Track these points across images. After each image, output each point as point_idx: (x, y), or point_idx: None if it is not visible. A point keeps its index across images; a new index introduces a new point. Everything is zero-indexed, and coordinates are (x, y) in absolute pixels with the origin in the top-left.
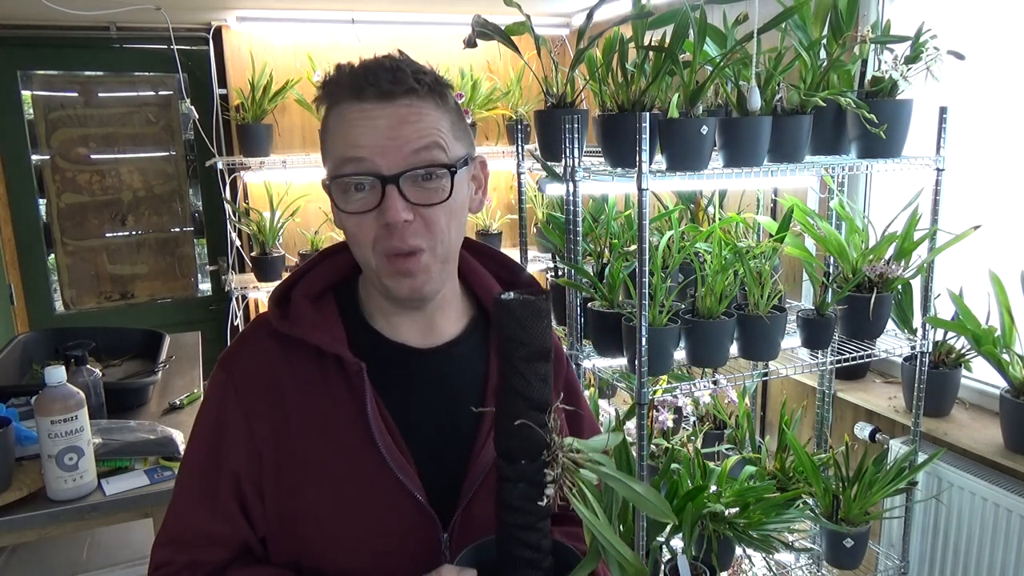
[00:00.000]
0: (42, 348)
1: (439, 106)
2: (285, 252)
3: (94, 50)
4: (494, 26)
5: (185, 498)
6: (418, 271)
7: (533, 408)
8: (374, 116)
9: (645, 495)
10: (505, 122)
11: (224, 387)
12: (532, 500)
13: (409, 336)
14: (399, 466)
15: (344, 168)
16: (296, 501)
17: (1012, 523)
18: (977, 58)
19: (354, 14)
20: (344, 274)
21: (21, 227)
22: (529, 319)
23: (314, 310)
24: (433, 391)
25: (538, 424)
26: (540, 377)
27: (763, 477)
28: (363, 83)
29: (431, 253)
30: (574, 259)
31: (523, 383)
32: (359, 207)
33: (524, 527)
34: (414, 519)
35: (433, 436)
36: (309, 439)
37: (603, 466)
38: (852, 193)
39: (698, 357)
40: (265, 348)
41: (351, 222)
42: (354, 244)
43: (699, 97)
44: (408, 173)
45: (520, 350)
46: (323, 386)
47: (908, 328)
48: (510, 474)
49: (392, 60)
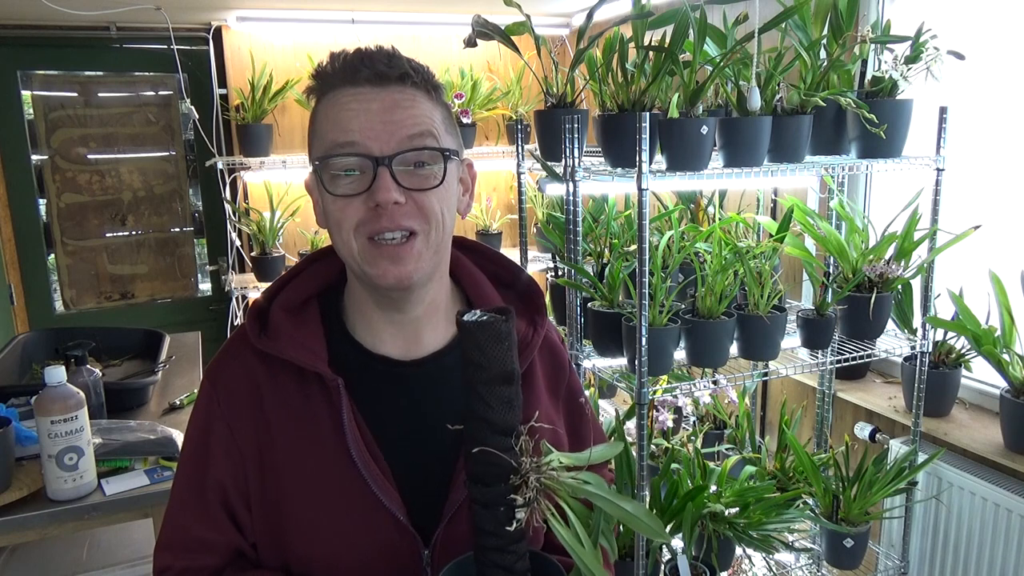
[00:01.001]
0: (42, 348)
1: (431, 98)
2: (285, 252)
3: (94, 50)
4: (494, 26)
5: (178, 505)
6: (408, 257)
7: (497, 433)
8: (367, 99)
9: (635, 513)
10: (505, 122)
11: (209, 398)
12: (502, 524)
13: (392, 348)
14: (377, 483)
15: (334, 151)
16: (279, 513)
17: (1012, 523)
18: (977, 58)
19: (354, 14)
20: (329, 281)
21: (21, 227)
22: (488, 342)
23: (293, 325)
24: (415, 406)
25: (502, 449)
26: (503, 401)
27: (763, 477)
28: (358, 65)
29: (424, 238)
30: (574, 259)
31: (484, 408)
32: (348, 190)
33: (496, 549)
34: (394, 537)
35: (414, 452)
36: (290, 453)
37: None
38: (852, 193)
39: (698, 357)
40: (246, 362)
41: (336, 206)
42: (336, 230)
43: (699, 97)
44: (400, 156)
45: (480, 374)
46: (303, 401)
47: (908, 328)
48: (479, 497)
49: (385, 48)
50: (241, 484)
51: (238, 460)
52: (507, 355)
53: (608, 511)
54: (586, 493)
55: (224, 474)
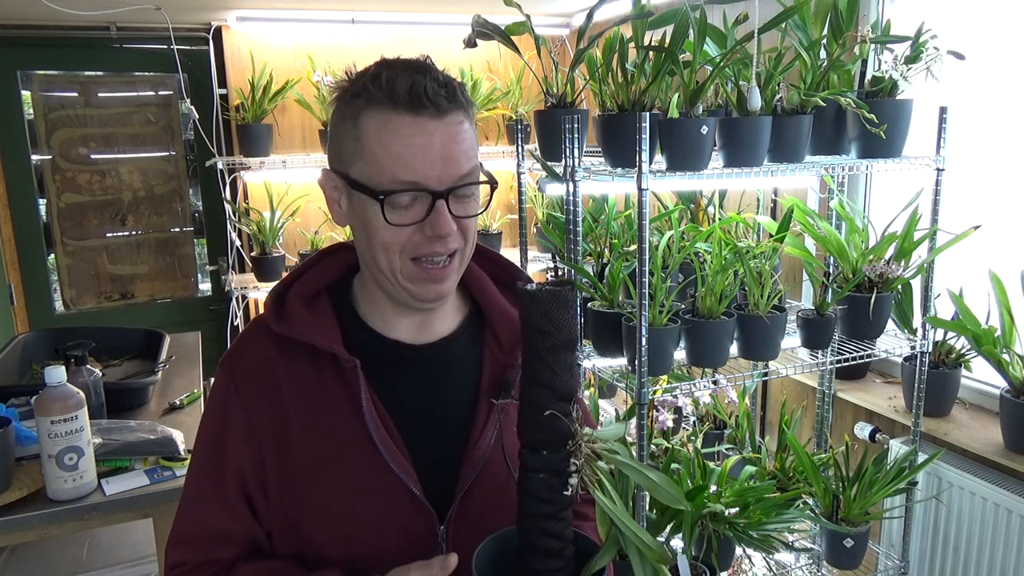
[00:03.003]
0: (42, 348)
1: (470, 119)
2: (285, 252)
3: (94, 50)
4: (494, 26)
5: (195, 498)
6: (450, 276)
7: (559, 398)
8: (429, 132)
9: (659, 482)
10: (505, 122)
11: (226, 388)
12: (556, 490)
13: (404, 333)
14: (395, 460)
15: (399, 187)
16: (296, 496)
17: (1012, 523)
18: (977, 58)
19: (354, 14)
20: (338, 274)
21: (21, 227)
22: (556, 309)
23: (308, 311)
24: (428, 387)
25: (563, 414)
26: (567, 367)
27: (763, 477)
28: (423, 100)
29: (461, 255)
30: (574, 259)
31: (549, 373)
32: (405, 219)
33: (548, 516)
34: (410, 512)
35: (428, 431)
36: (307, 436)
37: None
38: (852, 193)
39: (698, 357)
40: (263, 348)
41: (390, 232)
42: (383, 251)
43: (699, 97)
44: (456, 190)
45: (547, 340)
46: (319, 384)
47: (908, 328)
48: (534, 464)
49: (441, 75)
50: (259, 470)
51: (256, 446)
52: (572, 322)
53: (635, 479)
54: (616, 462)
55: (243, 460)
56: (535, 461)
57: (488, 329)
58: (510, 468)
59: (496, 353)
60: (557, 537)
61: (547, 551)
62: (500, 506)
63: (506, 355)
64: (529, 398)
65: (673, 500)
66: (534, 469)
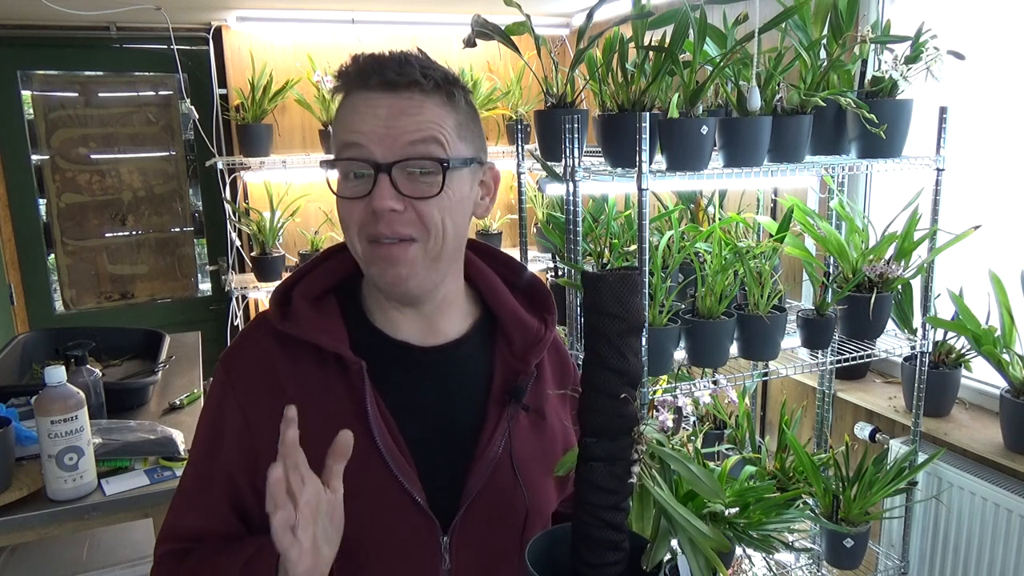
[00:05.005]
0: (42, 348)
1: (444, 103)
2: (285, 252)
3: (94, 50)
4: (494, 26)
5: (182, 496)
6: (402, 261)
7: (627, 383)
8: (376, 104)
9: (700, 476)
10: (505, 122)
11: (223, 386)
12: (620, 479)
13: (409, 334)
14: (399, 466)
15: (342, 153)
16: None
17: (1012, 523)
18: (977, 58)
19: (354, 14)
20: (344, 276)
21: (21, 227)
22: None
23: (314, 311)
24: (435, 390)
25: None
26: (635, 352)
27: (763, 477)
28: (370, 71)
29: (422, 246)
30: (574, 259)
31: (619, 358)
32: (352, 193)
33: (610, 507)
34: (413, 521)
35: (434, 437)
36: (309, 438)
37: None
38: (852, 193)
39: (698, 357)
40: (265, 347)
41: (342, 206)
42: (344, 229)
43: (699, 97)
44: (401, 163)
45: (617, 325)
46: (324, 386)
47: (908, 328)
48: (598, 452)
49: (403, 54)
50: (250, 468)
51: (249, 448)
52: (641, 307)
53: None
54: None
55: (234, 463)
56: (599, 449)
57: (500, 333)
58: (517, 476)
59: (508, 358)
60: (617, 528)
61: (606, 543)
62: (505, 515)
63: (518, 360)
64: (595, 384)
65: (712, 494)
66: (598, 458)
